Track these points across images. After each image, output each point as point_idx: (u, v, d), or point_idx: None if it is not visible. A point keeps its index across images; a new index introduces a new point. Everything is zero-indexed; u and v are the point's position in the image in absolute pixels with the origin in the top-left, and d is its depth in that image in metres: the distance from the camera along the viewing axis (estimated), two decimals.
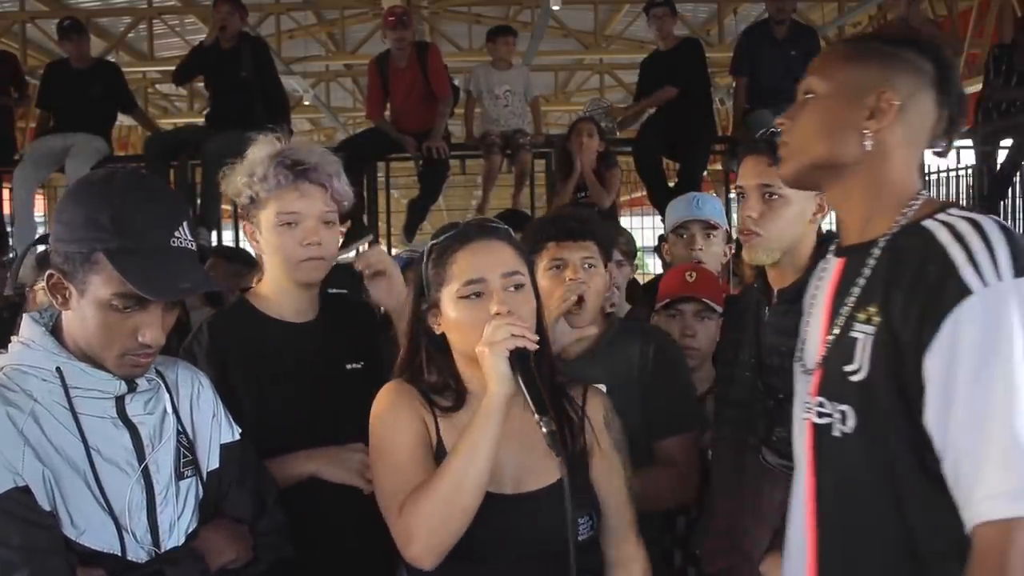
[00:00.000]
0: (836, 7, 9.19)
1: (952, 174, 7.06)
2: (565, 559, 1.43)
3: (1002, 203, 6.41)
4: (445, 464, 1.48)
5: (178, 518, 1.50)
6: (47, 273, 1.44)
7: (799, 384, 1.46)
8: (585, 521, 1.55)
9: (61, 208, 1.46)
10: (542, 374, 1.51)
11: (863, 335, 1.29)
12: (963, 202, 6.86)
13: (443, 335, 1.59)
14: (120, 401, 1.47)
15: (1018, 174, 6.30)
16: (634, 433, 1.78)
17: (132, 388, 1.48)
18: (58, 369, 1.43)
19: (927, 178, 6.92)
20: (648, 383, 2.12)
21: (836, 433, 1.32)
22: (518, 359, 1.45)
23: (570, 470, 1.43)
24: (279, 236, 1.89)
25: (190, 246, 1.48)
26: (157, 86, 11.65)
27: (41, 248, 1.83)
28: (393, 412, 1.59)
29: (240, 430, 1.66)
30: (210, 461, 1.59)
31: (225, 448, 1.61)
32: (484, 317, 1.50)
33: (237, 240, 6.38)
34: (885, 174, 1.36)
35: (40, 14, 8.87)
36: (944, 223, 1.27)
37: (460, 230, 1.58)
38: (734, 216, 6.56)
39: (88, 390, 1.44)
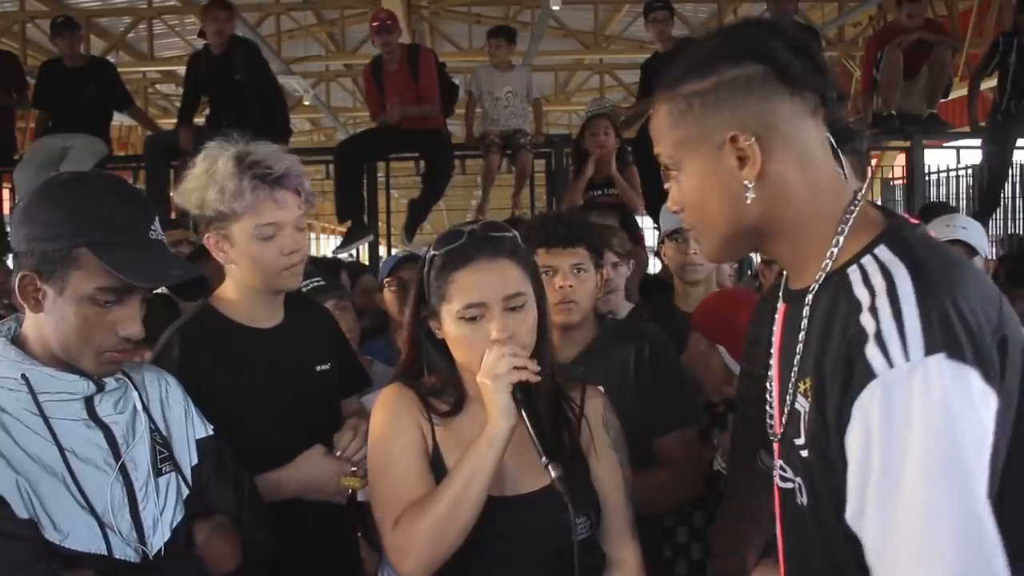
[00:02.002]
0: (836, 7, 9.20)
1: (952, 174, 7.07)
2: (562, 560, 1.44)
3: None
4: (443, 487, 1.49)
5: (161, 514, 1.50)
6: (19, 275, 1.41)
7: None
8: (583, 521, 1.55)
9: (31, 209, 1.43)
10: (543, 373, 1.51)
11: (803, 409, 1.15)
12: (963, 203, 6.87)
13: (444, 339, 1.59)
14: (89, 402, 1.46)
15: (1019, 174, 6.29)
16: (632, 434, 1.78)
17: (100, 388, 1.47)
18: (23, 376, 1.41)
19: (927, 178, 6.92)
20: (644, 383, 2.12)
21: (798, 501, 1.20)
22: (523, 394, 1.45)
23: (567, 473, 1.44)
24: (258, 247, 1.85)
25: (164, 239, 1.50)
26: (157, 86, 11.67)
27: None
28: (393, 421, 1.59)
29: (212, 426, 1.66)
30: (191, 457, 1.60)
31: (200, 443, 1.62)
32: (484, 339, 1.50)
33: None
34: (793, 209, 1.15)
35: (40, 14, 8.87)
36: (864, 275, 1.08)
37: (464, 244, 1.55)
38: None
39: (56, 394, 1.43)
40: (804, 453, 1.15)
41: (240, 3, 7.76)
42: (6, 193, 6.88)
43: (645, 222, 5.46)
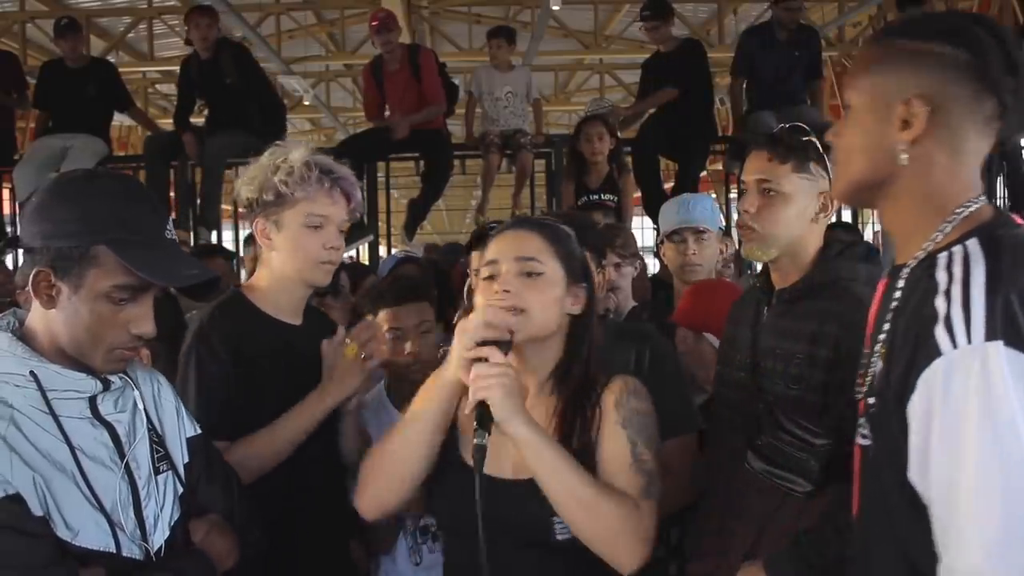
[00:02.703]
0: (836, 7, 9.20)
1: None
2: (550, 550, 1.50)
3: None
4: (398, 426, 1.62)
5: (160, 511, 1.52)
6: (34, 271, 1.42)
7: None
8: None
9: (46, 206, 1.44)
10: (577, 370, 1.61)
11: (879, 369, 1.27)
12: None
13: None
14: (93, 401, 1.47)
15: None
16: None
17: (107, 387, 1.48)
18: (32, 373, 1.42)
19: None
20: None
21: (871, 456, 1.32)
22: (478, 414, 1.47)
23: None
24: (304, 236, 1.96)
25: (176, 239, 1.54)
26: (157, 86, 11.67)
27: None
28: (428, 384, 1.64)
29: (199, 425, 1.68)
30: (183, 455, 1.61)
31: (191, 442, 1.64)
32: (491, 296, 1.56)
33: (237, 240, 6.38)
34: (926, 187, 1.26)
35: (40, 14, 8.87)
36: (949, 261, 1.19)
37: (507, 221, 1.69)
38: (734, 216, 6.60)
39: (64, 391, 1.44)
40: (873, 409, 1.27)
41: (240, 3, 7.78)
42: (6, 193, 6.88)
43: (645, 222, 5.47)
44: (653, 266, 4.76)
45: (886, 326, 1.26)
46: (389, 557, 2.26)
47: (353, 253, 6.42)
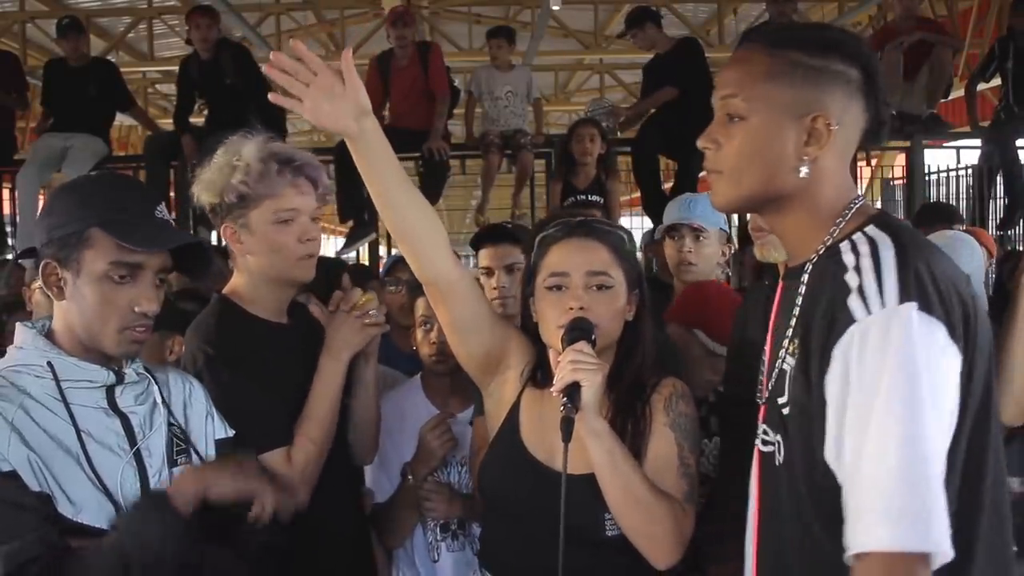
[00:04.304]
0: (836, 7, 9.19)
1: (952, 174, 7.06)
2: (596, 544, 1.54)
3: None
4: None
5: None
6: (43, 263, 1.52)
7: (758, 412, 1.44)
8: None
9: (51, 204, 1.57)
10: (630, 374, 1.67)
11: (788, 368, 1.28)
12: (963, 203, 6.87)
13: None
14: (110, 392, 1.54)
15: None
16: None
17: (120, 380, 1.55)
18: (49, 364, 1.50)
19: (927, 178, 6.92)
20: None
21: (776, 462, 1.32)
22: (568, 393, 1.51)
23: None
24: (277, 234, 1.88)
25: (169, 219, 1.60)
26: (157, 86, 11.66)
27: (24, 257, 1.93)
28: None
29: (232, 430, 1.73)
30: (209, 453, 1.66)
31: (220, 443, 1.69)
32: (562, 312, 1.59)
33: None
34: (820, 195, 1.30)
35: (40, 14, 8.87)
36: (852, 244, 1.23)
37: (565, 223, 1.68)
38: (734, 216, 6.59)
39: (78, 381, 1.52)
40: (785, 411, 1.27)
41: (240, 3, 7.78)
42: (6, 193, 6.88)
43: (633, 223, 5.47)
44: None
45: (792, 322, 1.28)
46: (406, 553, 2.25)
47: (353, 255, 6.41)
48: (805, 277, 1.29)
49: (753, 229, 1.99)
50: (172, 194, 6.31)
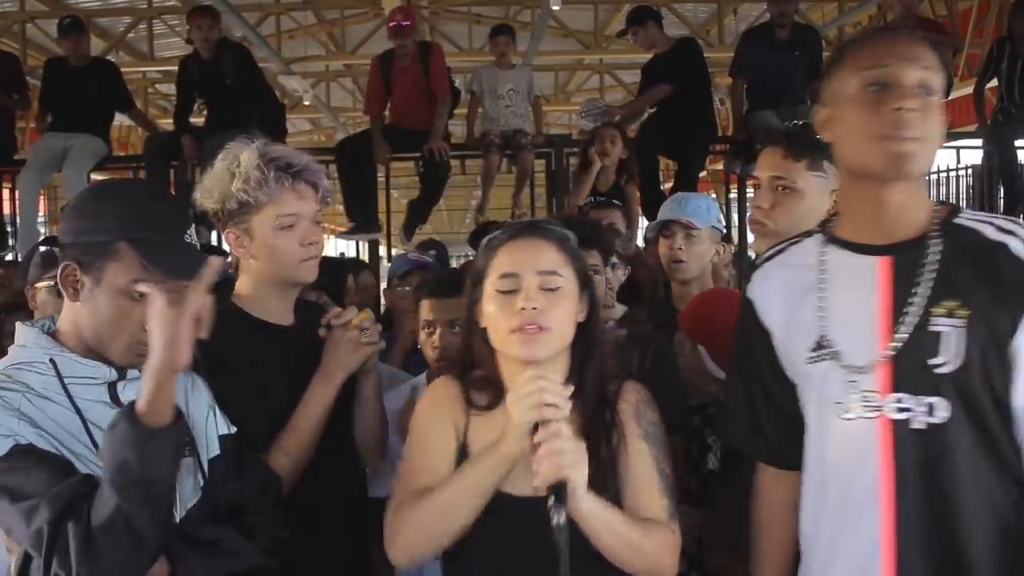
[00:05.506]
0: (836, 7, 9.19)
1: (952, 174, 7.06)
2: (580, 559, 1.45)
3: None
4: (444, 485, 1.55)
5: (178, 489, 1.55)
6: (62, 264, 1.51)
7: (831, 381, 1.43)
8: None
9: (82, 205, 1.56)
10: (592, 379, 1.60)
11: (948, 328, 1.36)
12: (963, 203, 6.88)
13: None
14: (112, 388, 1.54)
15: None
16: None
17: (122, 375, 1.55)
18: (52, 361, 1.51)
19: (927, 178, 6.91)
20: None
21: (917, 426, 1.36)
22: (555, 492, 1.42)
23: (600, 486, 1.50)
24: (278, 239, 1.89)
25: (197, 243, 1.60)
26: (157, 86, 11.67)
27: (44, 248, 1.91)
28: (431, 412, 1.66)
29: (235, 427, 1.71)
30: (209, 450, 1.65)
31: (223, 440, 1.68)
32: (514, 314, 1.54)
33: None
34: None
35: (40, 14, 8.87)
36: (981, 222, 1.43)
37: (513, 226, 1.65)
38: (734, 216, 6.59)
39: (80, 377, 1.52)
40: (946, 369, 1.35)
41: (240, 3, 7.78)
42: (6, 193, 6.88)
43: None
44: None
45: (926, 290, 1.38)
46: None
47: (353, 244, 6.41)
48: (934, 250, 1.40)
49: (751, 222, 1.99)
50: (172, 194, 6.31)
